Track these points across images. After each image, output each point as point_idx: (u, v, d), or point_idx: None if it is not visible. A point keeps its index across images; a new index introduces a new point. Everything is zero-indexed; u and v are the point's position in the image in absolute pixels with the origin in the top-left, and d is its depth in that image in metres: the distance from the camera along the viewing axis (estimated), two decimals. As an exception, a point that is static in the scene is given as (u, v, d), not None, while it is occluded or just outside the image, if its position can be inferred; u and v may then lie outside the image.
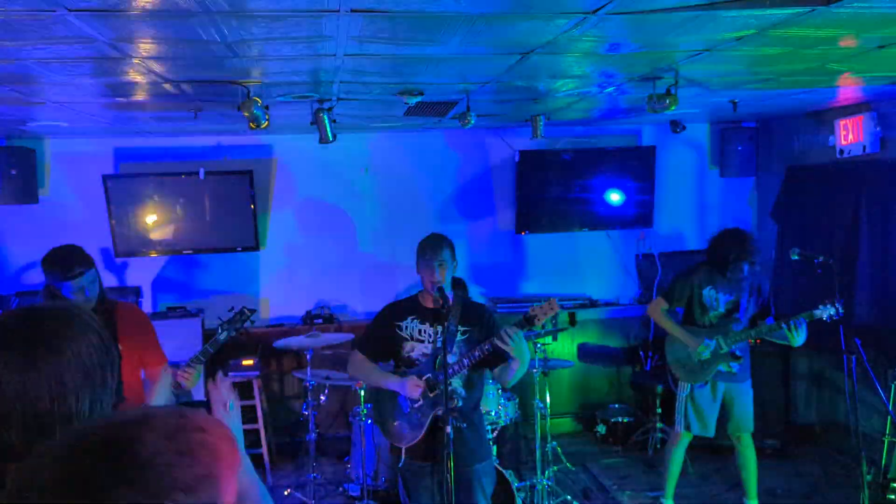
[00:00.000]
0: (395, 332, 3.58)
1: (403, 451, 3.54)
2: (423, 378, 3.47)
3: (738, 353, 4.55)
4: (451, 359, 3.45)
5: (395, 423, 3.56)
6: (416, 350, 3.55)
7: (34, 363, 1.24)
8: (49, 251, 3.23)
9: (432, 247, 3.53)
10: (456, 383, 3.51)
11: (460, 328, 3.54)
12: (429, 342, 3.53)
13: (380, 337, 3.64)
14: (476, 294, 6.60)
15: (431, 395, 3.45)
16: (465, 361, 3.42)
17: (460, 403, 3.51)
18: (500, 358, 3.40)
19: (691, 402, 4.65)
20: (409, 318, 3.58)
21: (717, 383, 4.63)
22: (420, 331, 3.55)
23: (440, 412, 3.38)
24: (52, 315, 1.33)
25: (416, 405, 3.50)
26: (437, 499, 3.50)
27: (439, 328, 3.46)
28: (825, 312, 4.24)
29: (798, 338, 4.27)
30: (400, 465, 3.57)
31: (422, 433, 3.48)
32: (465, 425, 3.50)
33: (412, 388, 3.45)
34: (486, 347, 3.37)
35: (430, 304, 3.57)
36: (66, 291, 3.14)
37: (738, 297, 4.58)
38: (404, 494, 3.69)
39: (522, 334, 3.32)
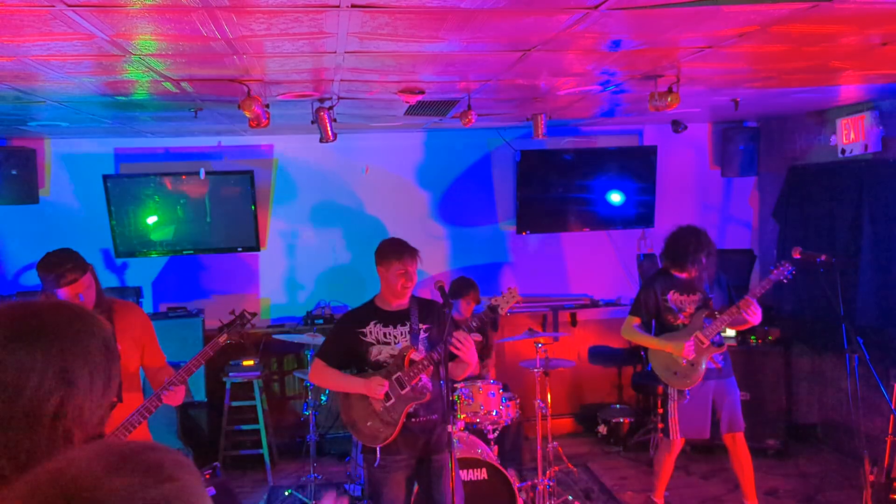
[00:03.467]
0: (359, 339, 3.64)
1: (378, 450, 3.59)
2: (394, 377, 3.55)
3: (720, 341, 4.63)
4: (417, 356, 3.57)
5: (369, 424, 3.60)
6: (384, 353, 3.62)
7: (42, 359, 1.20)
8: (43, 257, 3.19)
9: (411, 253, 3.62)
10: (424, 378, 3.61)
11: (422, 326, 3.65)
12: (395, 343, 3.62)
13: (344, 346, 3.69)
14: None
15: (402, 392, 3.53)
16: (434, 356, 3.52)
17: (430, 397, 3.62)
18: (454, 356, 3.53)
19: (683, 408, 4.65)
20: (372, 323, 3.65)
21: (706, 383, 4.65)
22: (385, 334, 3.63)
23: (412, 409, 3.55)
24: (60, 310, 1.29)
25: (388, 403, 3.55)
26: (410, 490, 3.64)
27: (402, 329, 3.61)
28: (781, 274, 4.44)
29: (754, 317, 4.44)
30: (375, 464, 3.60)
31: (396, 430, 3.55)
32: (436, 416, 3.64)
33: (376, 387, 3.53)
34: (444, 347, 3.47)
35: (389, 307, 3.67)
36: (61, 298, 3.12)
37: (702, 293, 4.65)
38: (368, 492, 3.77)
39: (470, 338, 3.50)
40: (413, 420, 3.58)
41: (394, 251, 3.62)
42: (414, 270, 3.61)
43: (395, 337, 3.62)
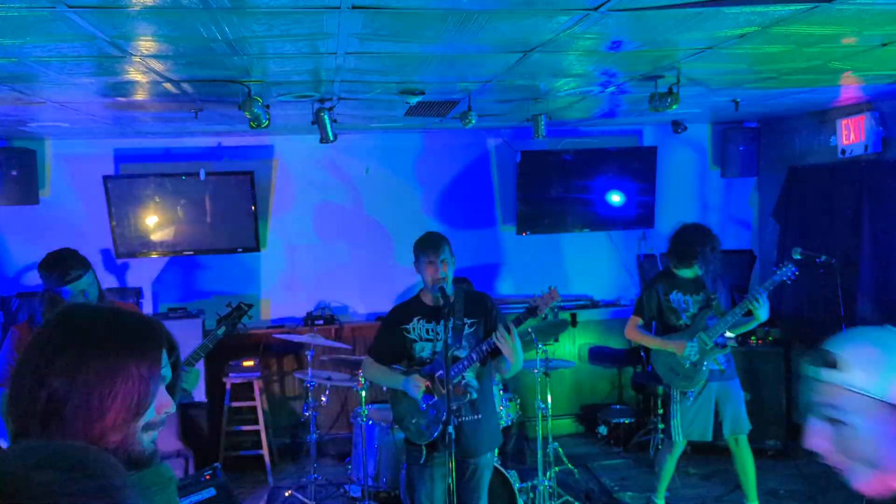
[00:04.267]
0: (404, 336, 3.64)
1: (423, 448, 3.58)
2: (436, 375, 3.53)
3: (724, 342, 4.62)
4: (462, 353, 3.52)
5: (414, 421, 3.62)
6: (427, 349, 3.62)
7: (119, 377, 1.20)
8: (45, 256, 3.22)
9: (434, 245, 3.57)
10: (469, 376, 3.58)
11: (467, 321, 3.59)
12: (438, 340, 3.59)
13: (390, 342, 3.70)
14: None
15: (444, 391, 3.48)
16: (474, 356, 3.49)
17: (475, 395, 3.58)
18: (499, 351, 3.48)
19: (686, 409, 4.65)
20: (416, 319, 3.63)
21: (709, 384, 4.65)
22: (428, 330, 3.62)
23: (455, 407, 3.49)
24: (149, 324, 1.31)
25: (432, 402, 3.55)
26: (445, 488, 3.56)
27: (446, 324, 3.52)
28: (784, 274, 4.42)
29: (761, 310, 4.42)
30: (421, 461, 3.59)
31: (440, 429, 3.53)
32: (479, 416, 3.58)
33: (413, 387, 3.52)
34: (487, 346, 3.46)
35: (431, 302, 3.62)
36: (65, 296, 3.14)
37: (705, 293, 4.65)
38: (405, 491, 3.70)
39: (517, 333, 3.43)
40: (458, 420, 3.52)
41: (418, 245, 3.63)
42: (439, 261, 3.53)
43: (437, 333, 3.59)
